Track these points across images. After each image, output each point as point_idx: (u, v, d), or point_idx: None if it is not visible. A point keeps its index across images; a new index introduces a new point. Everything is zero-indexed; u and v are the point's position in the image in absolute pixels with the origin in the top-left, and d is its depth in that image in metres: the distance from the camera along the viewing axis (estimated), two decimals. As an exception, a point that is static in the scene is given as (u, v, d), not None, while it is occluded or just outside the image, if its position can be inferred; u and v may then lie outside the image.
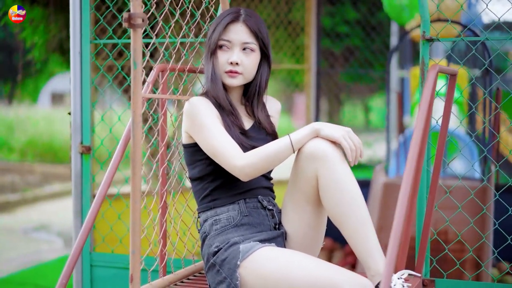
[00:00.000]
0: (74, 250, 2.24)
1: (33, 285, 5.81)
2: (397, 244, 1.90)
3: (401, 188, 1.99)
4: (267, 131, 2.64)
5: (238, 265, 2.34)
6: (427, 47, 2.68)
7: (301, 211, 2.48)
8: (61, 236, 8.53)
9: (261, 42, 2.60)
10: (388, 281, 1.85)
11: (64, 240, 8.36)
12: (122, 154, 2.39)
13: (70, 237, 8.29)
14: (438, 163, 2.60)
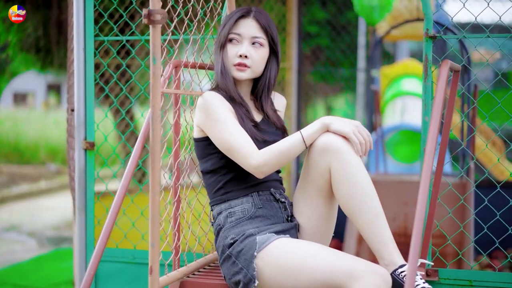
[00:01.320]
0: (99, 244, 2.28)
1: (12, 284, 5.79)
2: (420, 236, 1.98)
3: (420, 184, 2.06)
4: (276, 126, 2.70)
5: (255, 256, 2.39)
6: (430, 45, 2.76)
7: (313, 204, 2.54)
8: (32, 236, 8.47)
9: (270, 38, 2.66)
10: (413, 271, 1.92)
11: (37, 240, 8.31)
12: (141, 149, 2.43)
13: (43, 237, 8.26)
14: (442, 158, 2.68)
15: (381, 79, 10.12)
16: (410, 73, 9.87)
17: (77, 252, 3.22)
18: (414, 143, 8.83)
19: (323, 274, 2.28)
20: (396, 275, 2.32)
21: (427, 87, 2.76)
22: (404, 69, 9.87)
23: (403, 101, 9.28)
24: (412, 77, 9.84)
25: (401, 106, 9.29)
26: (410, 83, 9.72)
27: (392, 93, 9.56)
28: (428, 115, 2.77)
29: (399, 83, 9.82)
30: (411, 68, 9.96)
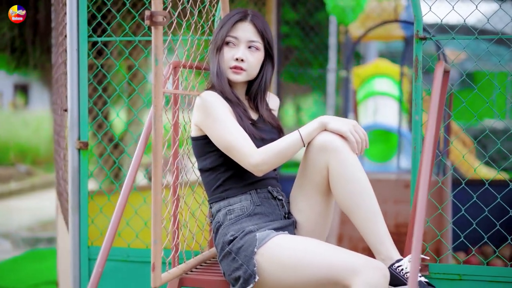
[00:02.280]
0: (105, 243, 2.33)
1: (-11, 284, 5.78)
2: (421, 233, 2.05)
3: (420, 183, 2.13)
4: (272, 125, 2.76)
5: (255, 252, 2.45)
6: (420, 46, 2.83)
7: (311, 201, 2.60)
8: (6, 238, 8.42)
9: (266, 42, 2.72)
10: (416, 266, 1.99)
11: (11, 242, 8.27)
12: (144, 147, 2.47)
13: (18, 238, 8.22)
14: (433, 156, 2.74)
15: (353, 79, 10.24)
16: (381, 73, 10.01)
17: (71, 250, 3.24)
18: (387, 142, 8.97)
19: (323, 269, 2.34)
20: (393, 269, 2.39)
21: (418, 87, 2.84)
22: (376, 69, 10.01)
23: (375, 101, 9.41)
24: (383, 77, 9.98)
25: (373, 106, 9.42)
26: (381, 83, 9.85)
27: (364, 93, 9.69)
28: (419, 114, 2.85)
29: (371, 83, 9.95)
30: (383, 68, 10.10)
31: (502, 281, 2.84)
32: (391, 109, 9.52)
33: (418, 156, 2.87)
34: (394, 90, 9.84)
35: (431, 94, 2.38)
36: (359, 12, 8.80)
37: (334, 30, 11.64)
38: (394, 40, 11.95)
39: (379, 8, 10.62)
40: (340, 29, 11.38)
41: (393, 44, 15.19)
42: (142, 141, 2.49)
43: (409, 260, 2.40)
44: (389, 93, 9.64)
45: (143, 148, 2.49)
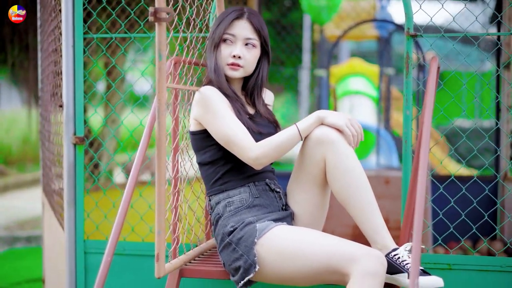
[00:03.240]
0: (112, 237, 2.38)
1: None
2: (421, 225, 2.13)
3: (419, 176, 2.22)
4: (269, 120, 2.83)
5: (255, 242, 2.52)
6: (411, 43, 2.93)
7: (308, 193, 2.69)
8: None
9: (263, 39, 2.80)
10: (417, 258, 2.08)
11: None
12: (148, 141, 2.53)
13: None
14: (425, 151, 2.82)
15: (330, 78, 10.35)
16: (356, 72, 10.13)
17: (66, 244, 3.28)
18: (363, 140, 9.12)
19: (322, 259, 2.42)
20: (390, 258, 2.48)
21: (408, 83, 2.94)
22: (351, 68, 10.13)
23: (351, 100, 9.53)
24: (358, 76, 10.11)
25: (349, 104, 9.54)
26: (356, 82, 9.97)
27: (339, 92, 9.80)
28: (410, 109, 2.94)
29: (346, 82, 10.07)
30: (357, 67, 10.22)
31: (490, 270, 2.95)
32: (366, 108, 9.66)
33: (409, 150, 2.96)
34: (369, 89, 9.97)
35: (426, 88, 2.47)
36: (334, 12, 8.91)
37: (308, 30, 11.75)
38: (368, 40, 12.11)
39: (353, 8, 10.76)
40: (315, 28, 11.50)
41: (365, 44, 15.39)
42: (145, 136, 2.55)
43: (405, 249, 2.50)
44: (365, 92, 9.77)
45: (146, 143, 2.55)
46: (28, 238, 8.01)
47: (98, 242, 3.29)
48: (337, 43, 7.38)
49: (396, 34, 10.88)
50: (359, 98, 9.63)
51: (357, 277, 2.35)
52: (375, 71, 10.23)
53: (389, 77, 9.70)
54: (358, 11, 10.84)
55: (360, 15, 10.79)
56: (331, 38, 10.85)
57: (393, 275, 2.48)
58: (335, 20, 10.59)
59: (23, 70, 7.99)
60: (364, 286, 2.34)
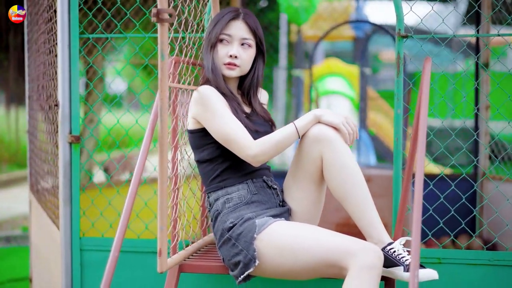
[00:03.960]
0: (118, 235, 2.43)
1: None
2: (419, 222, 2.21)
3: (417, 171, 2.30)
4: (265, 118, 2.90)
5: (254, 238, 2.59)
6: (402, 43, 3.01)
7: (305, 189, 2.76)
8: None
9: (258, 39, 2.87)
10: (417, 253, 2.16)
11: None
12: (150, 139, 2.59)
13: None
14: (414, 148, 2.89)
15: (305, 79, 10.45)
16: (333, 72, 10.24)
17: (62, 242, 3.32)
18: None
19: (321, 253, 2.49)
20: (386, 252, 2.56)
21: (399, 82, 3.02)
22: (328, 68, 10.24)
23: (328, 99, 9.64)
24: (335, 76, 10.22)
25: (327, 104, 9.64)
26: (333, 81, 10.08)
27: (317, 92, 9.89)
28: (400, 108, 3.03)
29: (323, 82, 10.17)
30: (334, 67, 10.33)
31: (479, 263, 3.05)
32: (344, 107, 9.77)
33: (399, 147, 3.05)
34: (346, 89, 10.08)
35: (420, 87, 2.55)
36: (312, 13, 9.01)
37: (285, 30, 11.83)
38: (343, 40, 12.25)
39: (329, 9, 10.88)
40: (291, 29, 11.59)
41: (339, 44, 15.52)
42: (148, 134, 2.60)
43: (400, 243, 2.58)
44: (342, 92, 9.88)
45: (149, 141, 2.60)
46: (7, 238, 7.99)
47: (94, 239, 3.34)
48: (319, 42, 7.45)
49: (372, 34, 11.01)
50: (337, 98, 9.73)
51: (355, 271, 2.43)
52: (352, 71, 10.35)
53: (365, 77, 9.83)
54: (333, 11, 10.97)
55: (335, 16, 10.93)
56: (308, 39, 10.96)
57: (389, 268, 2.56)
58: (312, 21, 10.70)
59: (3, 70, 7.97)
60: (362, 279, 2.42)
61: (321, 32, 10.82)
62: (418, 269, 2.14)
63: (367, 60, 9.12)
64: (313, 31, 10.94)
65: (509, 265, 3.03)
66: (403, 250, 2.57)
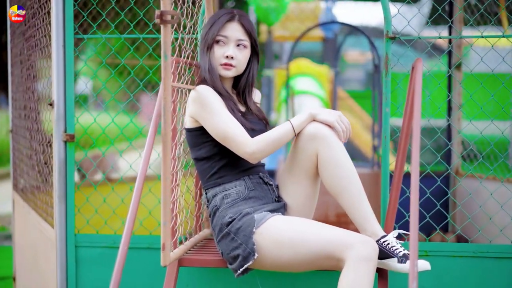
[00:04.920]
0: (125, 233, 2.50)
1: None
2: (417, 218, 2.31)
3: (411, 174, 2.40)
4: (259, 117, 3.00)
5: (253, 232, 2.68)
6: (390, 45, 3.13)
7: (301, 184, 2.86)
8: None
9: (253, 40, 2.97)
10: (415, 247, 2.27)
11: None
12: (153, 138, 2.66)
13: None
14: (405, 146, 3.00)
15: (276, 79, 10.55)
16: (303, 72, 10.36)
17: (57, 238, 3.37)
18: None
19: (319, 245, 2.60)
20: (380, 244, 2.67)
21: (387, 82, 3.14)
22: (298, 68, 10.35)
23: (299, 99, 9.75)
24: (305, 76, 10.34)
25: (297, 104, 9.74)
26: (304, 82, 10.20)
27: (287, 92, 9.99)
28: (389, 107, 3.14)
29: (293, 82, 10.28)
30: (304, 67, 10.45)
31: (464, 255, 3.18)
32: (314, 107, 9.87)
33: (387, 145, 3.16)
34: (317, 89, 10.21)
35: (413, 88, 2.66)
36: (282, 14, 9.11)
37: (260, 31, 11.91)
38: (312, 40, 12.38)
39: (298, 10, 11.01)
40: (261, 29, 11.70)
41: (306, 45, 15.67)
42: (151, 132, 2.67)
43: (394, 236, 2.70)
44: (312, 92, 10.00)
45: (153, 140, 2.67)
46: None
47: (89, 235, 3.40)
48: (297, 42, 7.56)
49: (340, 35, 11.16)
50: (307, 98, 9.85)
51: (352, 262, 2.54)
52: (322, 71, 10.48)
53: (338, 77, 9.97)
54: (302, 12, 11.09)
55: (304, 17, 11.05)
56: (278, 39, 11.08)
57: (383, 260, 2.67)
58: (281, 21, 10.81)
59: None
60: (359, 270, 2.53)
61: (290, 33, 10.96)
62: (417, 259, 2.25)
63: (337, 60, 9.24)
64: (282, 31, 11.05)
65: (493, 257, 3.17)
66: (396, 243, 2.68)
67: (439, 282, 3.21)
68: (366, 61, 20.36)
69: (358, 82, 20.08)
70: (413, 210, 2.31)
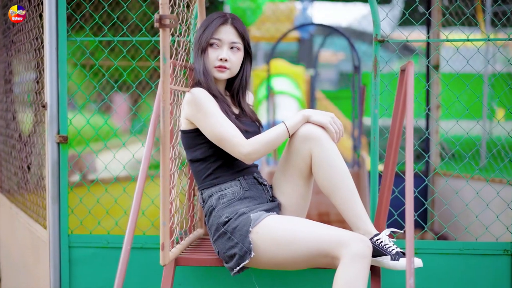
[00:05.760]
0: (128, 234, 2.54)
1: None
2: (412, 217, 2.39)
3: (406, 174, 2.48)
4: (252, 119, 3.06)
5: (250, 231, 2.74)
6: (378, 47, 3.21)
7: (295, 184, 2.93)
8: None
9: (246, 43, 3.03)
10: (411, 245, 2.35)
11: None
12: (153, 139, 2.71)
13: None
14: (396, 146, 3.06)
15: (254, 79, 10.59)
16: (278, 72, 10.42)
17: (50, 239, 3.40)
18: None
19: (314, 244, 2.67)
20: (373, 242, 2.75)
21: (376, 83, 3.22)
22: (274, 69, 10.40)
23: (276, 100, 9.80)
24: (281, 76, 10.41)
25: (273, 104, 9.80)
26: (279, 82, 10.26)
27: (264, 92, 10.05)
28: (378, 108, 3.22)
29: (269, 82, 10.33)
30: (279, 67, 10.51)
31: (451, 253, 3.28)
32: (290, 107, 9.96)
33: (377, 146, 3.25)
34: (293, 89, 10.28)
35: (405, 90, 2.74)
36: (259, 14, 9.15)
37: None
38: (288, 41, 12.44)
39: (274, 10, 11.06)
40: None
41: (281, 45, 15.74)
42: (150, 135, 2.71)
43: (386, 234, 2.78)
44: (288, 92, 10.08)
45: (152, 141, 2.72)
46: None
47: (82, 236, 3.43)
48: (278, 43, 7.62)
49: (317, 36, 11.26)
50: (283, 98, 9.92)
51: (347, 260, 2.61)
52: (299, 71, 10.56)
53: (311, 78, 10.07)
54: (278, 13, 11.15)
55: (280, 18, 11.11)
56: (254, 39, 11.11)
57: (376, 257, 2.75)
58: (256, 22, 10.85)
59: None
60: (354, 267, 2.60)
61: (267, 33, 11.01)
62: (413, 256, 2.33)
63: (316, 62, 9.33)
64: (257, 32, 11.09)
65: (478, 254, 3.28)
66: (389, 241, 2.76)
67: (426, 279, 3.30)
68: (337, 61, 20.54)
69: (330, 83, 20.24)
70: (408, 209, 2.39)
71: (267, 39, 11.23)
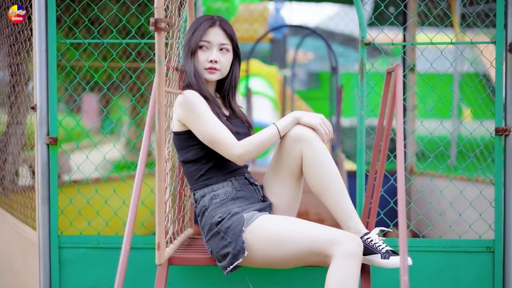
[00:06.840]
0: (126, 235, 2.57)
1: None
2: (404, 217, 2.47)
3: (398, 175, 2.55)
4: (242, 120, 3.12)
5: (243, 230, 2.80)
6: (365, 50, 3.28)
7: (286, 185, 2.99)
8: None
9: (235, 44, 3.09)
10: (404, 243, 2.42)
11: None
12: (148, 141, 2.75)
13: None
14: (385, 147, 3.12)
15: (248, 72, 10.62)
16: (253, 73, 10.47)
17: (40, 240, 3.42)
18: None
19: (307, 243, 2.73)
20: (363, 241, 2.82)
21: (363, 85, 3.29)
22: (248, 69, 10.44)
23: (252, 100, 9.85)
24: (255, 77, 10.46)
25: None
26: (254, 82, 10.31)
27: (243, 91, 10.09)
28: (364, 109, 3.30)
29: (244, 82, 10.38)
30: (254, 68, 10.56)
31: (436, 250, 3.37)
32: (265, 108, 10.01)
33: (363, 146, 3.32)
34: (267, 90, 10.33)
35: (393, 92, 2.81)
36: (234, 14, 9.19)
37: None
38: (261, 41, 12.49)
39: (247, 11, 11.12)
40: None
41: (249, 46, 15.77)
42: (145, 136, 2.75)
43: (376, 233, 2.85)
44: (263, 93, 10.13)
45: (148, 143, 2.76)
46: None
47: (72, 237, 3.46)
48: (257, 43, 7.67)
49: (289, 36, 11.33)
50: (258, 98, 9.97)
51: (339, 258, 2.68)
52: (272, 72, 10.62)
53: (284, 78, 10.14)
54: (251, 14, 11.20)
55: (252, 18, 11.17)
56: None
57: (366, 256, 2.82)
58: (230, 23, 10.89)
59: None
60: (346, 265, 2.67)
61: (240, 34, 11.05)
62: (407, 254, 2.40)
63: (285, 62, 9.42)
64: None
65: (463, 251, 3.37)
66: (379, 239, 2.83)
67: (411, 276, 3.37)
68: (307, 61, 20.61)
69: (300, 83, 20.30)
70: (400, 209, 2.47)
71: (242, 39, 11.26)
